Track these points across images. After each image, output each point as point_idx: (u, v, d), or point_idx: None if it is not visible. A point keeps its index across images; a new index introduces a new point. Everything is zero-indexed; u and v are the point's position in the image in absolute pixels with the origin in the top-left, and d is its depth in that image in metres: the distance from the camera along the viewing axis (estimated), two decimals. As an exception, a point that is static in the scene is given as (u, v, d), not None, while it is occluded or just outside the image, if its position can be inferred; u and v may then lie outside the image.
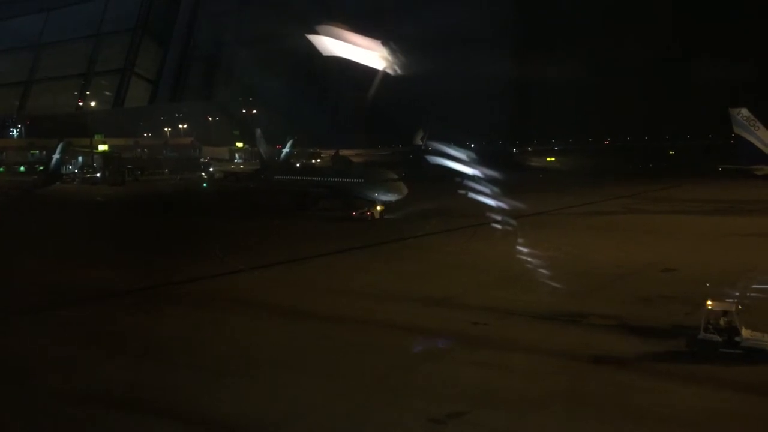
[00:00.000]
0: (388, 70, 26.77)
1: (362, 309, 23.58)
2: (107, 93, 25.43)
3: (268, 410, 15.07)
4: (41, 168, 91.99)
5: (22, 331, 21.87)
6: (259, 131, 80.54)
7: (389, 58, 26.08)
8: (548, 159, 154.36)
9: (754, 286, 25.41)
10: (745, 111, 53.01)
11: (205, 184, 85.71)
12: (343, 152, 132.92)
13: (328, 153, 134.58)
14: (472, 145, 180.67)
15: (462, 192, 46.14)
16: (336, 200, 56.16)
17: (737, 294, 23.19)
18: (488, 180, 47.93)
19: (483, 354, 18.58)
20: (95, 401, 15.71)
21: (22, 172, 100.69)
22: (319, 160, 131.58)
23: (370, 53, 25.87)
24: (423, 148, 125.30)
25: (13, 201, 70.18)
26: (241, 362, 18.05)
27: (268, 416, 14.79)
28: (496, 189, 46.80)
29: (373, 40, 25.56)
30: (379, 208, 50.37)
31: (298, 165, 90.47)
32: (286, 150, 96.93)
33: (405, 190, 50.74)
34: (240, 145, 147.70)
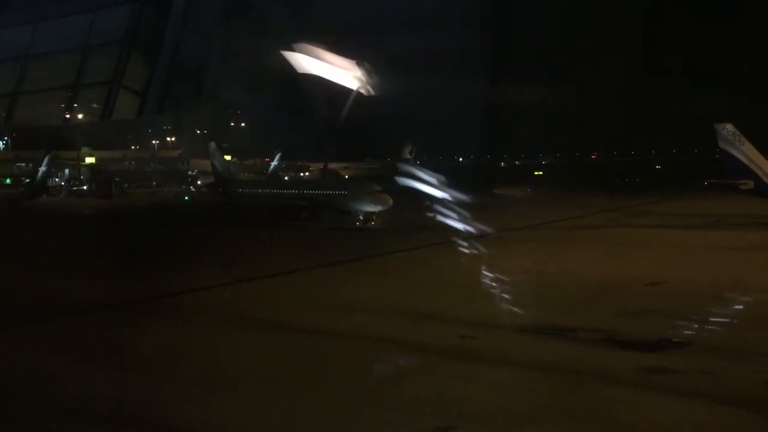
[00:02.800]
0: (374, 90, 26.91)
1: (350, 323, 23.49)
2: (95, 105, 25.36)
3: (257, 424, 14.97)
4: (27, 180, 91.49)
5: (6, 343, 21.60)
6: (213, 144, 79.26)
7: (374, 78, 26.24)
8: (536, 173, 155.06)
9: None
10: (730, 126, 53.51)
11: (186, 197, 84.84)
12: (332, 165, 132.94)
13: (316, 166, 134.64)
14: (460, 159, 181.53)
15: (430, 215, 46.03)
16: (318, 212, 56.86)
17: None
18: (461, 201, 47.76)
19: (471, 368, 18.53)
20: (80, 416, 15.51)
21: (7, 185, 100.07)
22: (307, 173, 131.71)
23: (354, 73, 26.04)
24: (411, 162, 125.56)
25: (-2, 213, 69.77)
26: (230, 376, 17.91)
27: (257, 430, 14.69)
28: (471, 209, 46.63)
29: (358, 60, 25.74)
30: (374, 218, 51.92)
31: (275, 178, 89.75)
32: (274, 163, 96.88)
33: (390, 201, 51.87)
34: (228, 158, 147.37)
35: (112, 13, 23.45)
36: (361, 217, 53.10)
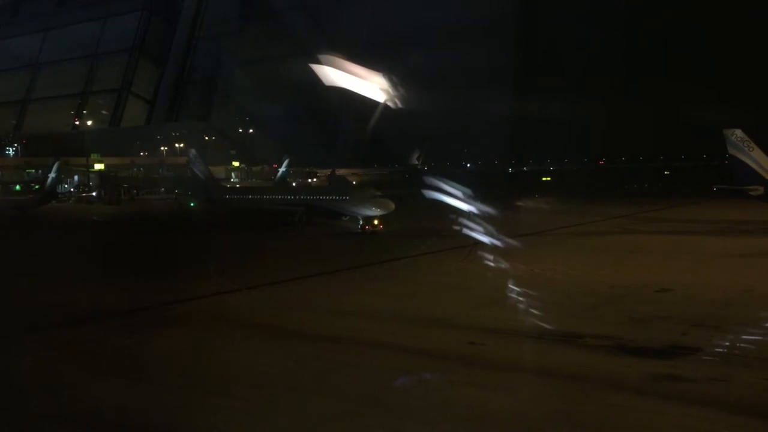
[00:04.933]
0: (388, 102, 26.91)
1: (357, 329, 23.46)
2: (104, 112, 25.57)
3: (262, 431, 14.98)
4: (37, 187, 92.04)
5: (12, 350, 21.65)
6: (193, 151, 78.86)
7: (388, 89, 26.24)
8: (544, 179, 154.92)
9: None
10: (739, 132, 53.28)
11: (192, 203, 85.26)
12: (340, 172, 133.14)
13: (324, 172, 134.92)
14: (468, 165, 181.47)
15: (457, 228, 45.87)
16: (319, 217, 57.80)
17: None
18: (483, 212, 47.57)
19: (479, 374, 18.46)
20: (85, 424, 15.55)
21: (17, 191, 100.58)
22: (315, 179, 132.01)
23: (367, 83, 26.05)
24: (420, 168, 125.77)
25: (8, 220, 70.10)
26: (235, 383, 17.89)
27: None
28: (489, 217, 46.42)
29: (372, 70, 25.74)
30: (376, 222, 53.33)
31: (277, 184, 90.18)
32: (282, 169, 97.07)
33: (392, 206, 53.36)
34: (236, 164, 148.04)
35: (121, 21, 23.64)
36: (360, 222, 54.47)
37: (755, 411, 15.48)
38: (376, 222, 53.96)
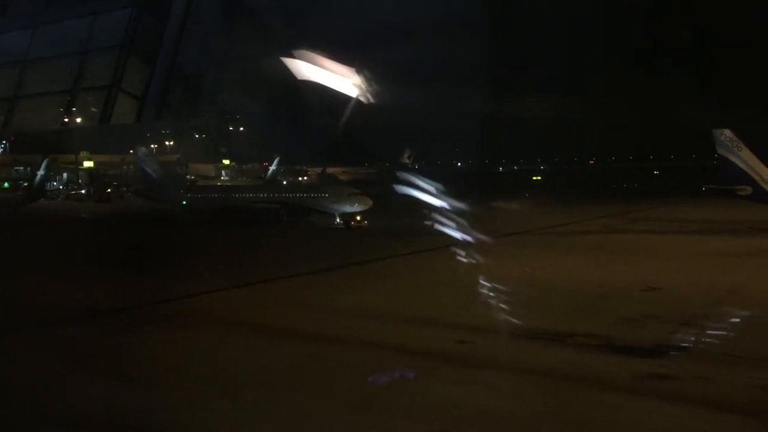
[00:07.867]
0: (373, 98, 26.93)
1: (348, 328, 23.46)
2: (93, 109, 25.44)
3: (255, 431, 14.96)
4: (26, 184, 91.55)
5: (3, 350, 21.56)
6: (144, 150, 78.81)
7: (372, 86, 26.27)
8: (534, 178, 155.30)
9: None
10: (728, 132, 53.54)
11: (184, 202, 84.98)
12: (330, 170, 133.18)
13: (315, 171, 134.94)
14: (459, 164, 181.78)
15: (428, 223, 45.49)
16: (298, 215, 58.80)
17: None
18: (457, 210, 47.35)
19: (469, 373, 18.53)
20: (77, 424, 15.48)
21: (5, 189, 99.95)
22: (305, 178, 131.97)
23: (353, 80, 26.08)
24: (410, 167, 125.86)
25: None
26: (228, 382, 17.89)
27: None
28: (468, 215, 46.20)
29: (357, 67, 25.76)
30: (359, 218, 55.75)
31: (258, 183, 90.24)
32: (272, 168, 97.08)
33: (369, 202, 56.36)
34: (227, 162, 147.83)
35: (111, 18, 23.53)
36: (338, 219, 56.67)
37: (741, 409, 15.60)
38: (359, 218, 55.76)
